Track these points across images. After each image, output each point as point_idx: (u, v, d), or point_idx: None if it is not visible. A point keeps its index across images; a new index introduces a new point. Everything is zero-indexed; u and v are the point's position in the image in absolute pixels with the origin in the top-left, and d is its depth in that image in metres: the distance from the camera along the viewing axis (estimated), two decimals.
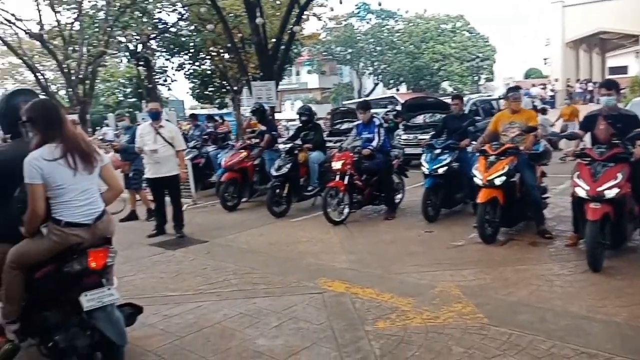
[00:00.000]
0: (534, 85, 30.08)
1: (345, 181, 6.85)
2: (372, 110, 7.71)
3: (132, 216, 7.90)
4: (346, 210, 6.95)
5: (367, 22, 44.96)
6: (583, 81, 28.97)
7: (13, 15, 20.84)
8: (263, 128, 8.84)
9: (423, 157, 7.01)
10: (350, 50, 43.84)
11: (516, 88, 6.43)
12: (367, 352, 3.26)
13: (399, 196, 7.76)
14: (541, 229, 5.71)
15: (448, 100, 14.48)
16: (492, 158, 5.64)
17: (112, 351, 2.92)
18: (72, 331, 2.88)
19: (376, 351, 3.26)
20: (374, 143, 7.03)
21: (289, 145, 7.89)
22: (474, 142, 6.45)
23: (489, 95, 17.05)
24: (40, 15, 21.32)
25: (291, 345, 3.42)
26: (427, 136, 12.11)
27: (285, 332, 3.63)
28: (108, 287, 2.97)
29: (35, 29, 21.22)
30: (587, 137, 5.19)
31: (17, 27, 21.10)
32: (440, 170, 6.64)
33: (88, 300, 2.83)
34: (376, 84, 45.53)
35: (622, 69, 35.63)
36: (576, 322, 3.51)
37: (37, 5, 21.24)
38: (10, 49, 22.04)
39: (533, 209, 5.83)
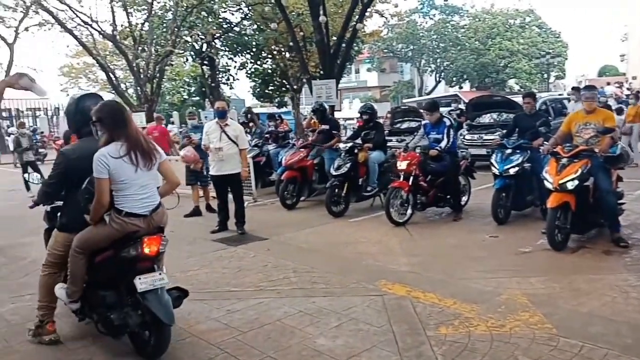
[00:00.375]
0: (608, 84, 28.38)
1: (410, 182, 6.74)
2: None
3: (196, 212, 8.17)
4: (409, 212, 6.85)
5: (431, 18, 44.09)
6: None
7: (89, 17, 22.07)
8: (324, 127, 8.87)
9: (493, 157, 6.81)
10: (412, 47, 43.14)
11: (590, 87, 6.08)
12: (429, 357, 3.20)
13: (465, 198, 7.59)
14: (616, 236, 5.37)
15: (515, 98, 14.05)
16: (564, 161, 5.37)
17: (161, 330, 3.24)
18: (126, 310, 3.25)
19: (439, 357, 3.19)
20: (443, 144, 6.87)
21: (349, 145, 7.86)
22: (546, 143, 6.17)
23: (560, 94, 16.20)
24: (113, 17, 22.48)
25: (351, 346, 3.41)
26: (492, 136, 11.79)
27: (346, 332, 3.63)
28: (159, 272, 3.32)
29: (109, 30, 22.40)
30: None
31: (93, 28, 22.32)
32: (512, 171, 6.45)
33: (141, 283, 3.18)
34: (438, 82, 44.57)
35: None
36: None
37: (112, 7, 22.38)
38: (85, 49, 23.35)
39: (607, 215, 5.50)
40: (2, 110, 29.03)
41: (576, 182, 5.19)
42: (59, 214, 3.73)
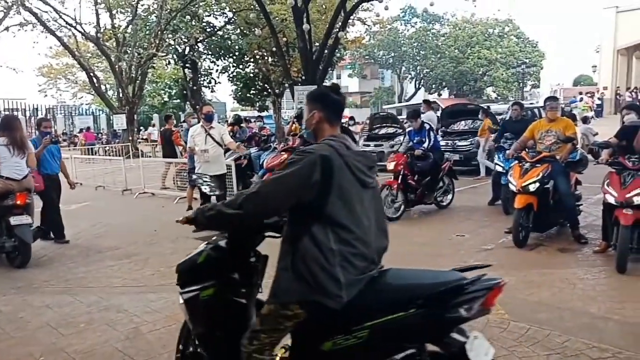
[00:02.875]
0: (580, 94, 29.36)
1: (399, 180, 7.40)
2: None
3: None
4: (402, 208, 7.49)
5: (412, 26, 44.85)
6: (633, 90, 28.09)
7: (73, 19, 22.13)
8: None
9: (496, 158, 7.91)
10: (393, 54, 43.86)
11: (553, 98, 6.60)
12: None
13: (449, 197, 8.29)
14: (576, 234, 5.88)
15: (493, 106, 14.59)
16: (527, 165, 5.84)
17: (25, 249, 5.75)
18: (4, 239, 5.76)
19: None
20: (425, 144, 7.68)
21: None
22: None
23: (531, 103, 16.85)
24: (97, 19, 22.57)
25: None
26: (465, 142, 12.38)
27: None
28: (26, 216, 5.73)
29: (92, 31, 22.46)
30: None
31: (76, 29, 22.37)
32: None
33: (14, 220, 5.64)
34: (418, 89, 45.36)
35: None
36: (593, 321, 3.72)
37: (96, 10, 22.46)
38: (67, 50, 23.36)
39: (567, 215, 5.98)
40: None
41: (537, 184, 5.65)
42: None
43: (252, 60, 27.76)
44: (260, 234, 2.54)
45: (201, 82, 30.57)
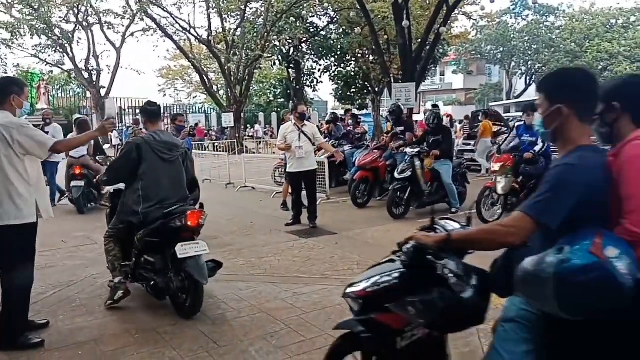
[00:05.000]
0: None
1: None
2: (519, 114, 7.61)
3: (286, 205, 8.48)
4: (499, 212, 7.07)
5: (524, 19, 42.32)
6: None
7: (188, 23, 23.79)
8: (399, 129, 9.09)
9: None
10: (501, 49, 41.63)
11: None
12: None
13: None
14: None
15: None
16: None
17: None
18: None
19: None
20: (537, 147, 7.06)
21: (415, 150, 7.89)
22: None
23: None
24: (209, 23, 24.06)
25: None
26: None
27: None
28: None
29: (204, 35, 23.99)
30: None
31: (190, 33, 24.02)
32: None
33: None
34: (528, 85, 42.68)
35: None
36: None
37: (208, 14, 23.94)
38: (183, 53, 25.19)
39: None
40: None
41: None
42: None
43: (353, 59, 27.96)
44: None
45: (304, 82, 31.39)
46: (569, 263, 1.56)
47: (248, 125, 33.81)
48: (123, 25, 27.49)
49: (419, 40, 15.72)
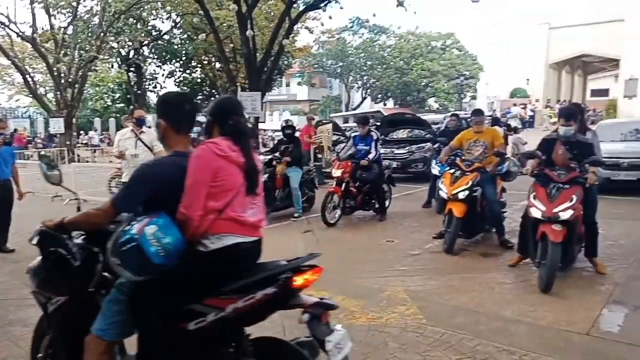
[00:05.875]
0: (515, 105, 30.79)
1: (342, 187, 7.57)
2: (354, 124, 8.27)
3: None
4: (338, 214, 7.65)
5: (360, 37, 45.71)
6: (563, 102, 29.76)
7: (7, 17, 21.09)
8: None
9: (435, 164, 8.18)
10: (340, 64, 44.45)
11: (478, 111, 6.70)
12: None
13: (387, 202, 8.46)
14: (502, 239, 6.11)
15: (428, 116, 15.07)
16: (457, 173, 6.03)
17: None
18: None
19: None
20: (371, 155, 7.71)
21: (267, 157, 8.28)
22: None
23: (466, 114, 17.55)
24: (34, 18, 21.61)
25: None
26: (403, 151, 12.69)
27: None
28: None
29: (28, 31, 21.50)
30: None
31: (10, 29, 21.34)
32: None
33: None
34: (364, 98, 46.16)
35: (604, 92, 36.58)
36: (506, 325, 3.85)
37: (32, 8, 21.51)
38: (1, 51, 22.25)
39: (493, 221, 6.20)
40: None
41: (466, 192, 5.84)
42: None
43: (198, 65, 27.44)
44: None
45: (146, 87, 29.87)
46: (122, 237, 2.07)
47: (82, 132, 30.99)
48: None
49: (264, 50, 15.99)
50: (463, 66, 42.93)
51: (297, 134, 9.70)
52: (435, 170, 8.32)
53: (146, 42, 26.20)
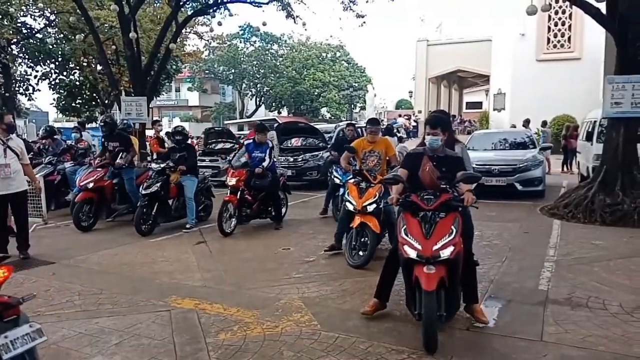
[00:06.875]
0: (400, 116, 32.67)
1: (238, 196, 7.43)
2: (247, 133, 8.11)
3: None
4: (234, 222, 7.50)
5: (252, 45, 45.59)
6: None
7: None
8: (114, 144, 8.47)
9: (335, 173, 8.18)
10: (233, 71, 44.00)
11: (374, 121, 6.84)
12: None
13: (284, 210, 8.45)
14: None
15: (320, 125, 15.41)
16: (363, 185, 6.02)
17: None
18: None
19: None
20: (266, 163, 7.64)
21: (161, 166, 7.79)
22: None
23: (356, 123, 18.28)
24: None
25: None
26: (297, 159, 12.82)
27: (125, 348, 3.65)
28: None
29: None
30: None
31: None
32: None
33: None
34: (258, 106, 46.11)
35: (478, 104, 40.15)
36: (395, 325, 4.00)
37: None
38: None
39: (389, 231, 6.31)
40: None
41: (374, 205, 5.84)
42: None
43: (77, 67, 25.46)
44: None
45: (16, 89, 27.07)
46: None
47: None
48: None
49: (150, 53, 15.27)
50: (352, 78, 44.63)
51: (189, 141, 9.35)
52: (337, 179, 8.10)
53: (15, 40, 23.80)
